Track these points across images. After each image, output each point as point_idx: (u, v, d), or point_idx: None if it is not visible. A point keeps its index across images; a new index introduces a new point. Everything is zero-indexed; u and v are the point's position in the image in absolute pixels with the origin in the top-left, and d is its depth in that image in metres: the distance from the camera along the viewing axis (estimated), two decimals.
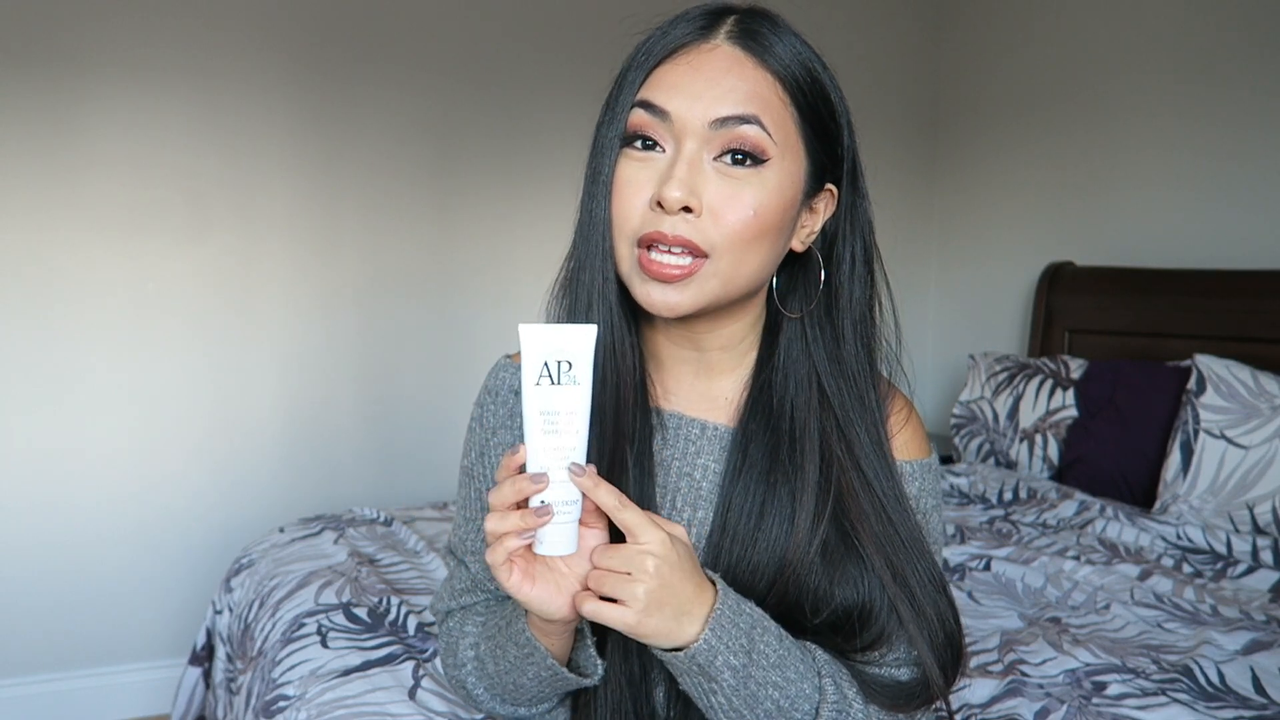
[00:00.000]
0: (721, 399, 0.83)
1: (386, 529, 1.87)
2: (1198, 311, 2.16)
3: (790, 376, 0.79)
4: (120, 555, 2.26)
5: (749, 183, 0.71)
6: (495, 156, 2.53)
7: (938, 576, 0.78)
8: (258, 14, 2.27)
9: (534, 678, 0.77)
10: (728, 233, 0.71)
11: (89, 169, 2.16)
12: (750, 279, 0.75)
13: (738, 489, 0.78)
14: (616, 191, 0.74)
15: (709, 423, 0.82)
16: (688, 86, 0.71)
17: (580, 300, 0.77)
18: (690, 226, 0.71)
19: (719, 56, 0.72)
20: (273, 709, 1.19)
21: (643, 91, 0.73)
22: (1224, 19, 2.21)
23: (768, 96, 0.72)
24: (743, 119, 0.71)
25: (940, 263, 3.10)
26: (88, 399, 2.20)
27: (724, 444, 0.82)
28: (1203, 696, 1.17)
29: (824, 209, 0.79)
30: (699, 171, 0.71)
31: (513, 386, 0.86)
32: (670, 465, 0.82)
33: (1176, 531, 1.78)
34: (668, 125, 0.72)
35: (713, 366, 0.83)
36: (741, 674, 0.69)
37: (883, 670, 0.79)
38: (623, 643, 0.78)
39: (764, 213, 0.71)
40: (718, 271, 0.72)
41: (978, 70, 2.91)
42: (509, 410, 0.85)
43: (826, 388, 0.78)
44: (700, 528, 0.81)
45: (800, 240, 0.79)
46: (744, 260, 0.73)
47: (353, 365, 2.45)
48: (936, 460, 0.86)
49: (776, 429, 0.79)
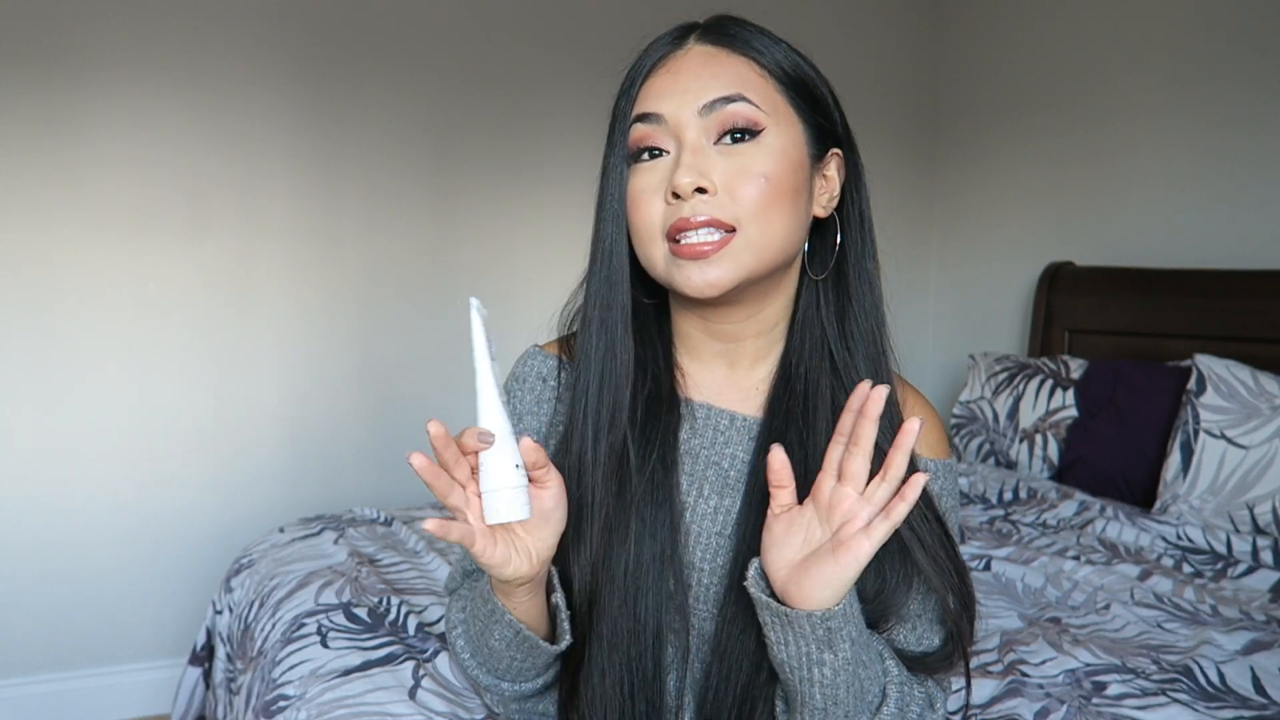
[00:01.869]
0: (751, 389, 0.85)
1: (386, 529, 1.87)
2: (1198, 311, 2.16)
3: (806, 341, 0.82)
4: (120, 555, 2.26)
5: (752, 154, 0.75)
6: (495, 157, 2.53)
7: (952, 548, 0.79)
8: (258, 14, 2.27)
9: (500, 638, 0.79)
10: (747, 204, 0.74)
11: (89, 169, 2.16)
12: (781, 245, 0.77)
13: (757, 490, 0.80)
14: (633, 202, 0.78)
15: (737, 414, 0.85)
16: (671, 87, 0.77)
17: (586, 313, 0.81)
18: (711, 205, 0.74)
19: (694, 55, 0.78)
20: (273, 709, 1.19)
21: (635, 108, 0.78)
22: (1224, 19, 2.21)
23: (747, 75, 0.77)
24: (729, 99, 0.75)
25: (940, 263, 3.10)
26: (88, 398, 2.20)
27: (752, 434, 0.84)
28: (1203, 696, 1.17)
29: (837, 173, 0.82)
30: (704, 156, 0.75)
31: (540, 374, 0.88)
32: (699, 454, 0.84)
33: (1176, 531, 1.78)
34: (664, 127, 0.77)
35: (744, 357, 0.85)
36: (855, 647, 0.71)
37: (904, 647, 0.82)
38: (627, 629, 0.78)
39: (775, 177, 0.75)
40: (749, 242, 0.75)
41: (978, 70, 2.91)
42: (536, 396, 0.88)
43: (835, 354, 0.81)
44: (726, 515, 0.82)
45: (822, 206, 0.82)
46: (770, 226, 0.75)
47: (353, 365, 2.45)
48: (955, 462, 0.88)
49: (796, 410, 0.81)
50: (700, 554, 0.82)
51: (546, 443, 0.86)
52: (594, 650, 0.80)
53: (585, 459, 0.80)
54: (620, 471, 0.80)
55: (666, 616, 0.80)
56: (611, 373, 0.80)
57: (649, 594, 0.79)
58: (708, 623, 0.81)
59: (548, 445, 0.86)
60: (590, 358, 0.81)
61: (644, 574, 0.79)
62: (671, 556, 0.80)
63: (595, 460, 0.79)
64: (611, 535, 0.79)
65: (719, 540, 0.82)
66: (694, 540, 0.82)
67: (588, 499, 0.79)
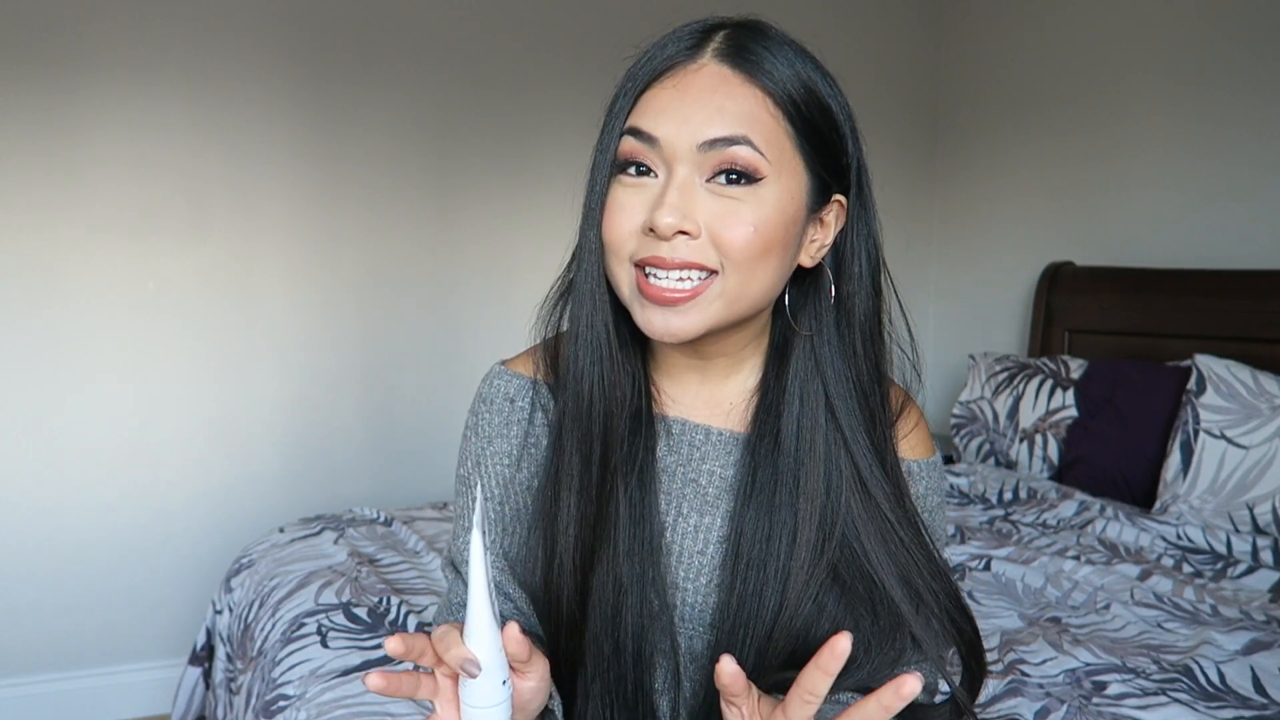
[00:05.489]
0: (726, 404, 0.82)
1: (386, 529, 1.87)
2: (1198, 311, 2.16)
3: (798, 396, 0.78)
4: (120, 555, 2.26)
5: (745, 201, 0.69)
6: (495, 156, 2.53)
7: (954, 592, 0.76)
8: (258, 14, 2.27)
9: None
10: (731, 252, 0.69)
11: (89, 169, 2.16)
12: (756, 298, 0.73)
13: (749, 514, 0.77)
14: (607, 215, 0.72)
15: (714, 428, 0.82)
16: (674, 110, 0.70)
17: (574, 314, 0.77)
18: (691, 249, 0.69)
19: (705, 76, 0.70)
20: (273, 709, 1.19)
21: (631, 118, 0.72)
22: (1224, 19, 2.21)
23: (757, 114, 0.69)
24: (732, 140, 0.68)
25: (940, 263, 3.10)
26: (87, 398, 2.20)
27: (729, 449, 0.81)
28: (1203, 696, 1.17)
29: (834, 221, 0.76)
30: (692, 195, 0.69)
31: (507, 394, 0.84)
32: (675, 471, 0.81)
33: (1176, 531, 1.78)
34: (657, 150, 0.70)
35: (716, 372, 0.82)
36: None
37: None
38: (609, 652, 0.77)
39: (764, 229, 0.69)
40: (724, 291, 0.70)
41: (978, 70, 2.91)
42: (504, 418, 0.84)
43: (835, 406, 0.76)
44: (707, 533, 0.80)
45: (810, 255, 0.76)
46: (752, 279, 0.71)
47: (353, 365, 2.45)
48: (940, 459, 0.87)
49: (782, 449, 0.77)
50: (683, 573, 0.80)
51: (519, 465, 0.83)
52: (581, 675, 0.78)
53: (571, 468, 0.77)
54: (601, 489, 0.77)
55: (652, 638, 0.78)
56: (602, 380, 0.76)
57: (628, 615, 0.77)
58: (696, 641, 0.80)
59: (520, 467, 0.83)
60: (577, 361, 0.77)
61: (623, 595, 0.77)
62: (653, 577, 0.77)
63: (582, 470, 0.77)
64: (592, 556, 0.77)
65: (701, 560, 0.80)
66: (675, 560, 0.80)
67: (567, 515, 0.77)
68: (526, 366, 0.85)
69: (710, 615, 0.79)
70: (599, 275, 0.74)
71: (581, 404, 0.76)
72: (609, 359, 0.76)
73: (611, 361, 0.76)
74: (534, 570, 0.80)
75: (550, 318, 0.82)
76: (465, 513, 0.87)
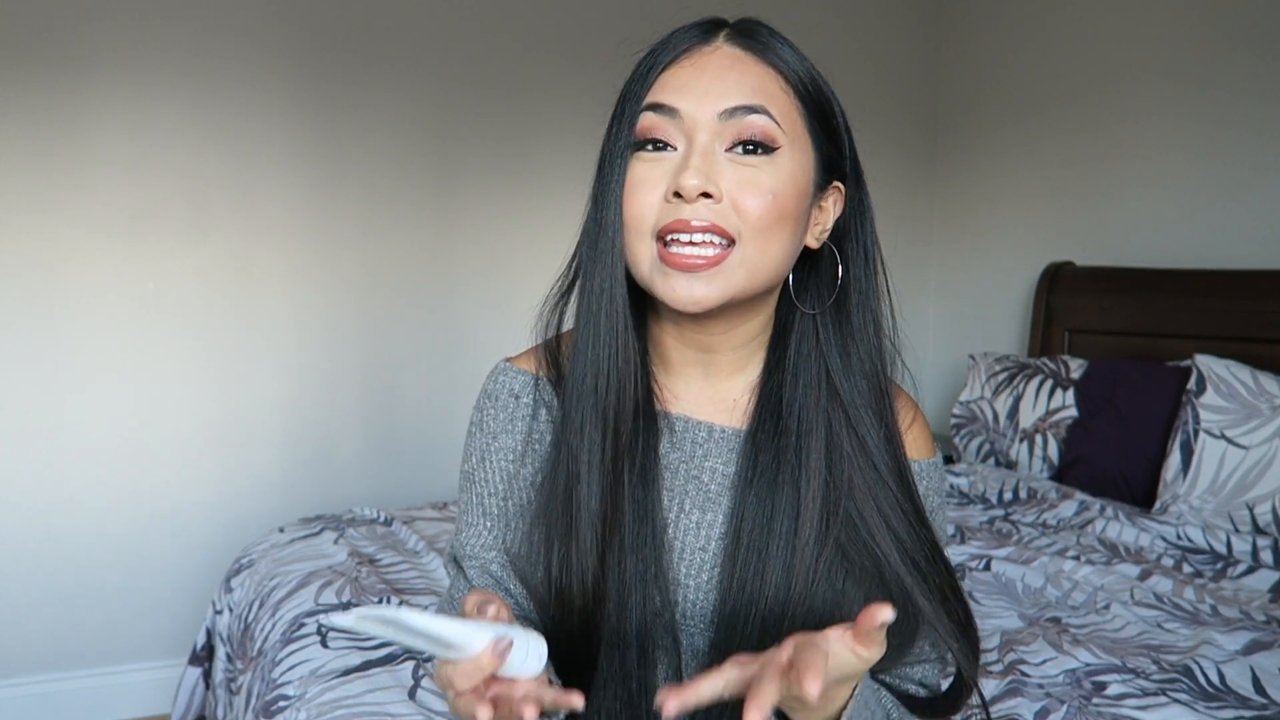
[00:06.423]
0: (729, 401, 0.83)
1: (386, 529, 1.87)
2: (1198, 311, 2.16)
3: (800, 377, 0.79)
4: (120, 555, 2.26)
5: (764, 169, 0.72)
6: (495, 156, 2.53)
7: (953, 577, 0.78)
8: (258, 14, 2.27)
9: None
10: (750, 218, 0.72)
11: (89, 169, 2.16)
12: (774, 268, 0.75)
13: (750, 500, 0.78)
14: (629, 191, 0.74)
15: (716, 425, 0.82)
16: (694, 84, 0.73)
17: (586, 307, 0.77)
18: (714, 212, 0.71)
19: (721, 56, 0.74)
20: (273, 709, 1.19)
21: (650, 96, 0.74)
22: (1224, 19, 2.21)
23: (772, 89, 0.74)
24: (751, 109, 0.72)
25: (940, 263, 3.10)
26: (88, 398, 2.20)
27: (731, 446, 0.82)
28: (1203, 696, 1.17)
29: (833, 206, 0.80)
30: (713, 161, 0.72)
31: (512, 390, 0.85)
32: (678, 468, 0.82)
33: (1176, 531, 1.78)
34: (678, 123, 0.73)
35: (721, 369, 0.82)
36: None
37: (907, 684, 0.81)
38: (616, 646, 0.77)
39: (782, 197, 0.73)
40: (744, 260, 0.73)
41: (978, 70, 2.91)
42: (509, 414, 0.85)
43: (837, 384, 0.78)
44: (709, 530, 0.81)
45: (814, 237, 0.79)
46: (768, 247, 0.73)
47: (353, 365, 2.45)
48: (940, 459, 0.87)
49: (784, 431, 0.79)
50: (685, 570, 0.80)
51: (523, 460, 0.84)
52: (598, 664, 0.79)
53: (580, 462, 0.77)
54: (613, 480, 0.77)
55: (655, 634, 0.78)
56: (614, 366, 0.76)
57: (632, 612, 0.77)
58: (698, 638, 0.80)
59: (524, 462, 0.84)
60: (589, 354, 0.77)
61: (628, 591, 0.77)
62: (655, 574, 0.78)
63: (592, 464, 0.77)
64: (605, 547, 0.77)
65: (703, 556, 0.80)
66: (678, 556, 0.80)
67: (584, 505, 0.77)
68: (530, 364, 0.86)
69: (712, 612, 0.80)
70: (618, 253, 0.75)
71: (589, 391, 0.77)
72: (622, 347, 0.77)
73: (626, 350, 0.77)
74: (536, 566, 0.80)
75: (551, 318, 0.83)
76: (469, 508, 0.88)
